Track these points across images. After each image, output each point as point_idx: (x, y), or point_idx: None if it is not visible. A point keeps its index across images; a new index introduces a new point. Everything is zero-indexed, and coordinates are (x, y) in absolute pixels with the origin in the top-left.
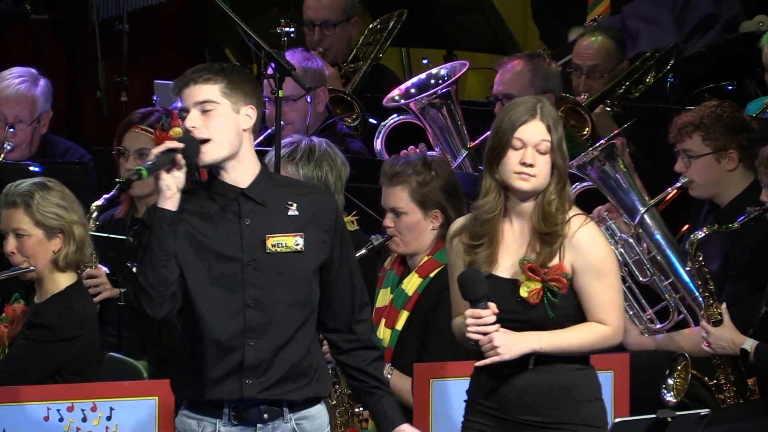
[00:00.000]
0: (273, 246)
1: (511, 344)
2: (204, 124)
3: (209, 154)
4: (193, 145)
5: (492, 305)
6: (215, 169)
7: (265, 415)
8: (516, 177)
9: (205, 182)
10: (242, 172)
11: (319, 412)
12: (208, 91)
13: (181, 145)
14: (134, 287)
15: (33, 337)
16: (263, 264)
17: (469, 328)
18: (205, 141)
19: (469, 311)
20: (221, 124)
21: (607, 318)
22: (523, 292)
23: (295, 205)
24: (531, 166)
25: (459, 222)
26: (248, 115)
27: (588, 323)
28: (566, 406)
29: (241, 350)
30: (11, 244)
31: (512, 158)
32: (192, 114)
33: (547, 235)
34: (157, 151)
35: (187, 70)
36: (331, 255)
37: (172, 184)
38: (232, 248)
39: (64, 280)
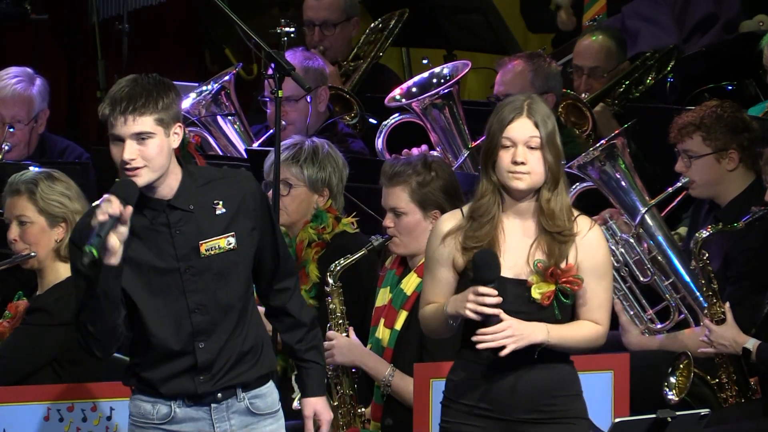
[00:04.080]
0: (207, 251)
1: (525, 333)
2: (140, 153)
3: (143, 179)
4: (131, 186)
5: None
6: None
7: (219, 395)
8: (510, 177)
9: None
10: (168, 185)
11: (269, 390)
12: (143, 123)
13: (118, 212)
14: (83, 333)
15: (31, 321)
16: (200, 269)
17: (469, 305)
18: (141, 168)
19: (473, 288)
20: (156, 151)
21: (600, 318)
22: (536, 294)
23: (221, 202)
24: (522, 164)
25: (451, 220)
26: (176, 133)
27: (583, 321)
28: (564, 401)
29: (192, 354)
30: (14, 231)
31: (504, 158)
32: (128, 145)
33: (558, 234)
34: (97, 221)
35: (117, 91)
36: (261, 237)
37: (117, 242)
38: (167, 259)
39: (65, 271)
